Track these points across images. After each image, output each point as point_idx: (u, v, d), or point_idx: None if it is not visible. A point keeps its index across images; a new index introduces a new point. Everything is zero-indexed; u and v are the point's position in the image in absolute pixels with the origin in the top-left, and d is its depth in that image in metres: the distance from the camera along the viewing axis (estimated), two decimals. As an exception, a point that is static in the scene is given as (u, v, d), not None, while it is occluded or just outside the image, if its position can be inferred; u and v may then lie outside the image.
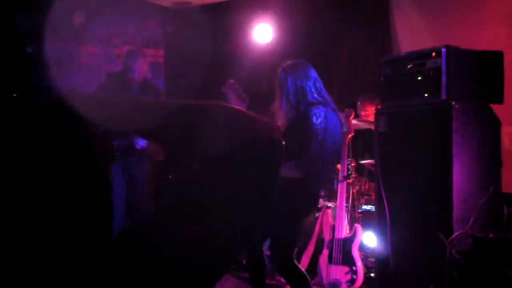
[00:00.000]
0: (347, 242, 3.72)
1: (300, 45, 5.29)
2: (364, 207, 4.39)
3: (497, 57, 2.98)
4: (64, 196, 1.29)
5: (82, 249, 1.30)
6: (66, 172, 1.29)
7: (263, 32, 5.73)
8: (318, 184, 3.26)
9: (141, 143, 4.28)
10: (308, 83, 3.20)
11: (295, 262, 3.22)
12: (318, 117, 3.06)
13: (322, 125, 3.06)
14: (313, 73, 3.27)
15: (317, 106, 3.11)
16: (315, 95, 3.20)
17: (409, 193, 3.00)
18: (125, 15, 5.86)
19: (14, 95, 1.28)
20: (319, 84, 3.26)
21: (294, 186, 3.09)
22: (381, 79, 3.23)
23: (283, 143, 1.37)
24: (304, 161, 3.05)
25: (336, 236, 3.75)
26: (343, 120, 3.84)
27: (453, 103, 2.79)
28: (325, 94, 3.26)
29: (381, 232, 3.16)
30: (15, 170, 1.23)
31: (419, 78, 2.96)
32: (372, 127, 3.41)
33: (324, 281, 3.73)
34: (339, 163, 3.93)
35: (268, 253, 3.37)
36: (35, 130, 1.26)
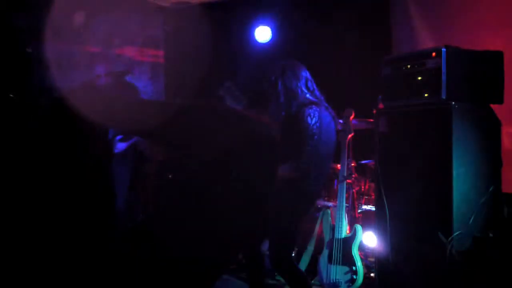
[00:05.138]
0: (347, 242, 3.72)
1: (300, 44, 5.29)
2: (364, 207, 4.39)
3: (497, 57, 2.98)
4: (65, 195, 1.29)
5: (83, 246, 1.30)
6: (67, 171, 1.29)
7: (263, 32, 5.73)
8: (315, 183, 3.26)
9: (121, 146, 4.20)
10: (299, 84, 3.21)
11: (294, 262, 3.22)
12: (313, 117, 3.07)
13: (318, 124, 3.08)
14: (304, 73, 3.27)
15: (310, 106, 3.11)
16: (307, 95, 3.21)
17: (409, 193, 3.00)
18: (125, 15, 5.85)
19: (11, 95, 1.28)
20: (311, 83, 3.26)
21: (291, 187, 3.09)
22: (381, 79, 3.23)
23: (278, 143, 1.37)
24: (300, 162, 3.05)
25: (336, 236, 3.75)
26: (343, 119, 3.85)
27: (453, 103, 2.79)
28: (317, 93, 3.27)
29: (381, 232, 3.16)
30: (15, 169, 1.23)
31: (419, 78, 2.96)
32: (372, 127, 3.41)
33: (324, 281, 3.73)
34: (336, 162, 3.93)
35: (268, 253, 3.37)
36: (35, 129, 1.26)
